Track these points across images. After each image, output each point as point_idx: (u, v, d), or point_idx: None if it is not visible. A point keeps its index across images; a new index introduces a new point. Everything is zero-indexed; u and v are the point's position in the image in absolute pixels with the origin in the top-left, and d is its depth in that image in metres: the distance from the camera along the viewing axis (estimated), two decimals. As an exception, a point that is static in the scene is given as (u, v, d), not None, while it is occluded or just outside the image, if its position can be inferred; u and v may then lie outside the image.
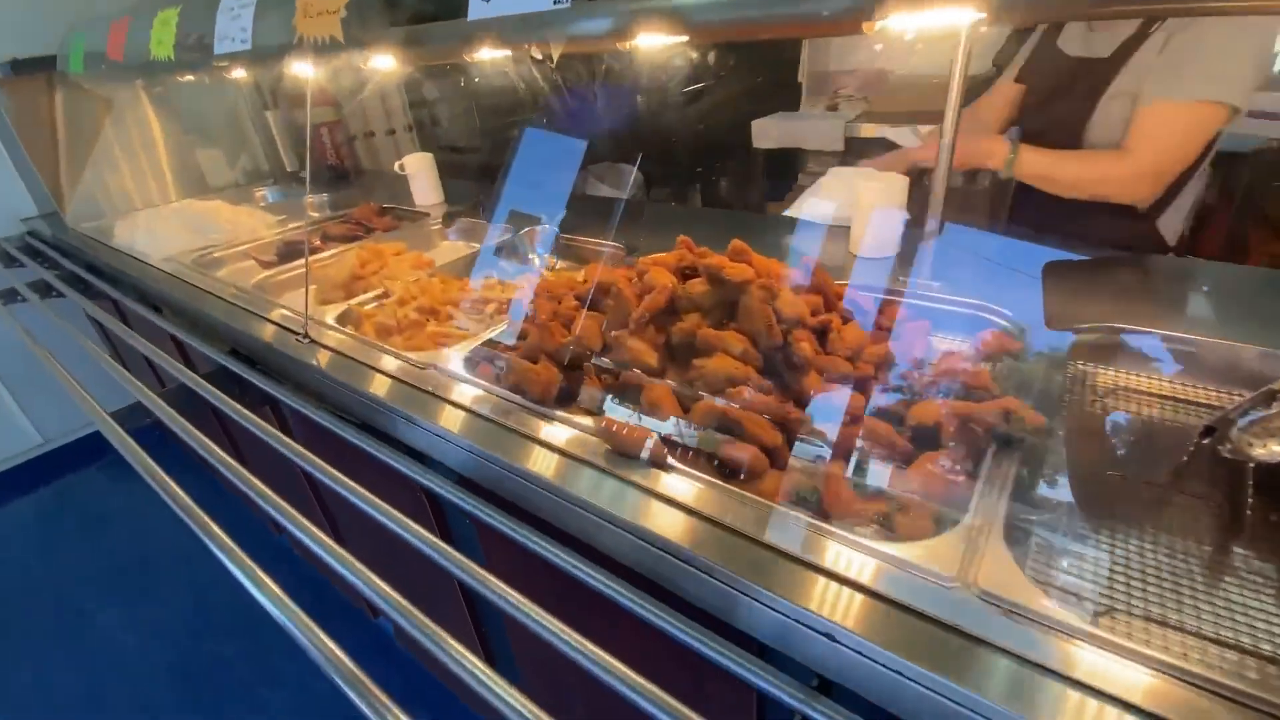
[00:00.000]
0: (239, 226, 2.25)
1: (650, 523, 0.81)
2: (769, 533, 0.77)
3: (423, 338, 1.40)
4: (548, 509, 0.92)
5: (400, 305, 1.50)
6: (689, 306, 1.10)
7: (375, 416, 1.20)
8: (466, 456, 1.04)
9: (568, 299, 1.35)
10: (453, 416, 1.09)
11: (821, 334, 1.08)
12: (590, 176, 3.92)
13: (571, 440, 0.98)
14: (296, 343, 1.39)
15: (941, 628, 0.65)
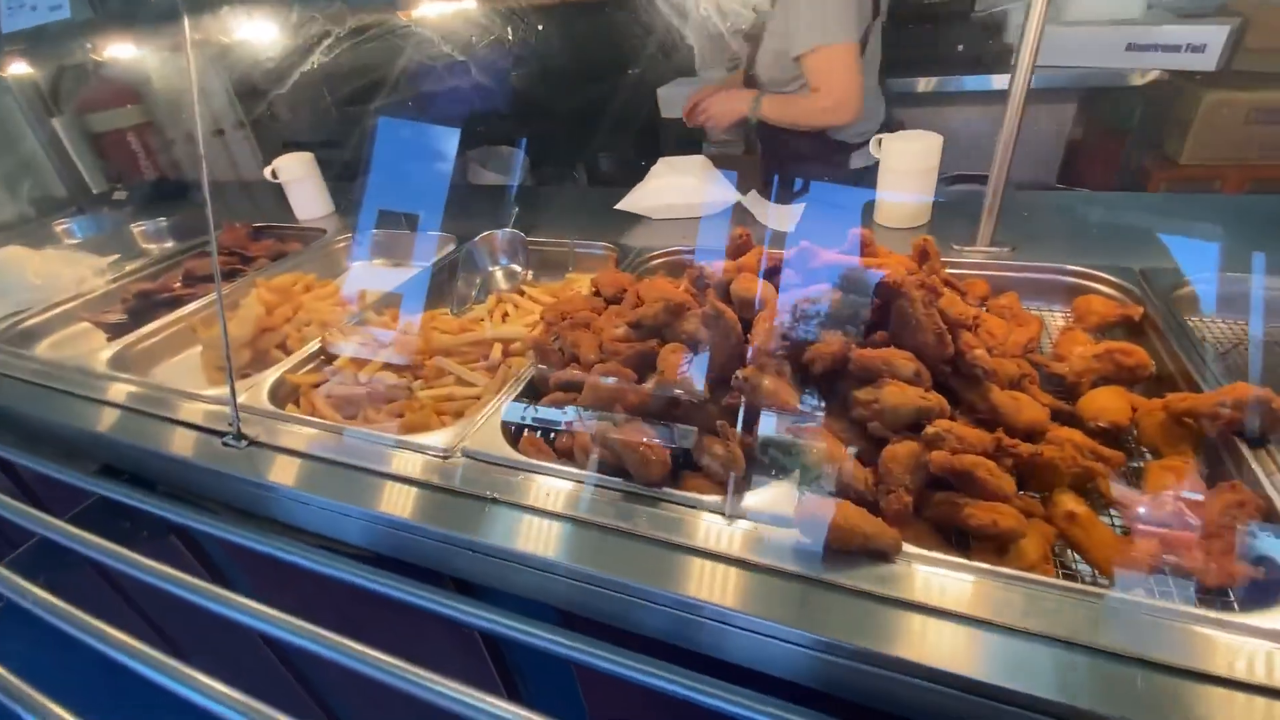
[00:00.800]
0: (54, 278, 1.62)
1: (947, 661, 0.56)
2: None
3: (416, 410, 1.01)
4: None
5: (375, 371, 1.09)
6: (824, 321, 0.84)
7: (404, 546, 0.82)
8: (571, 587, 0.71)
9: (607, 328, 1.04)
10: (531, 529, 0.75)
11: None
12: (470, 163, 3.48)
13: (758, 542, 0.70)
14: (224, 447, 0.95)
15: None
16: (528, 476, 0.82)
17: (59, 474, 1.01)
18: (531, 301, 1.33)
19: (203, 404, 1.05)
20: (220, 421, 0.99)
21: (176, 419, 1.02)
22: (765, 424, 0.80)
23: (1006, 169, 1.19)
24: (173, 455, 0.96)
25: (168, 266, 1.72)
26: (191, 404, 1.05)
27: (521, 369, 1.06)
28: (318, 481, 0.87)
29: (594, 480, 0.79)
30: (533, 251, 1.55)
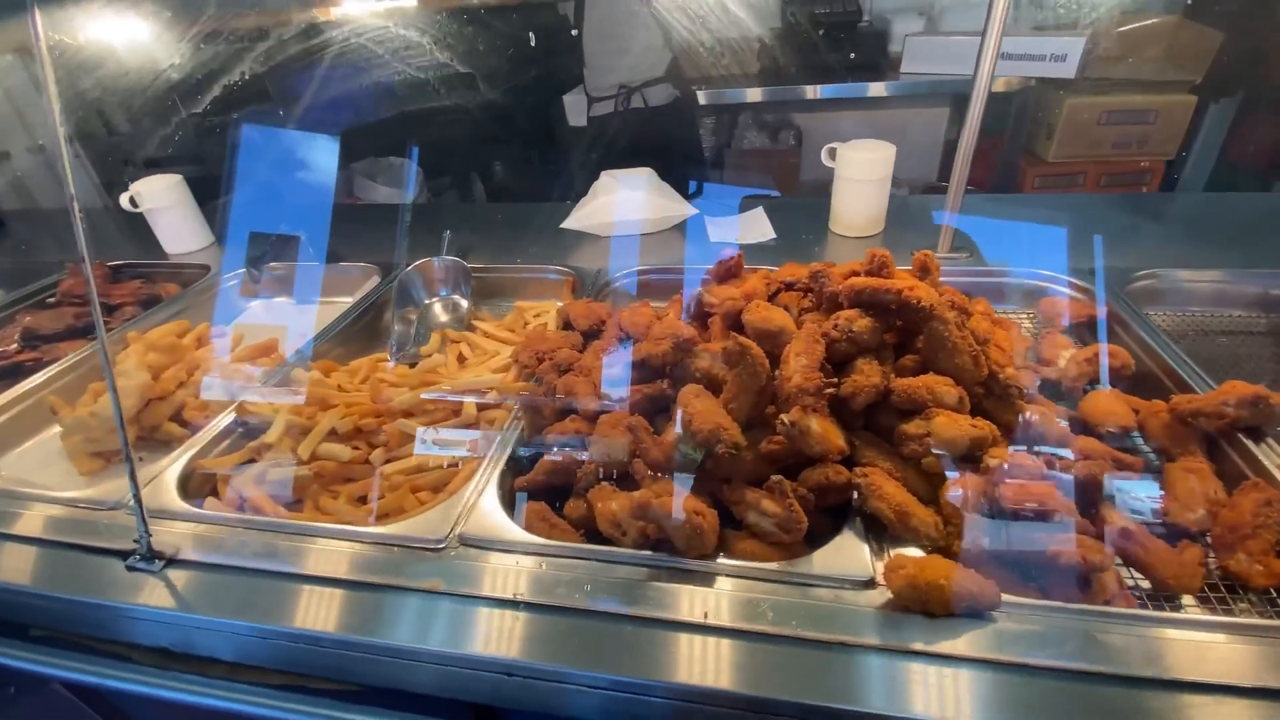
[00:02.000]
0: None
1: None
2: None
3: (386, 491, 0.84)
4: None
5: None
6: (853, 351, 0.78)
7: (402, 676, 0.65)
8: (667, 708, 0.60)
9: (595, 368, 0.92)
10: (577, 635, 0.62)
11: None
12: (356, 176, 3.19)
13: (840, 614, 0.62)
14: (130, 572, 0.72)
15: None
16: (550, 563, 0.69)
17: None
18: (489, 339, 1.18)
19: (86, 511, 0.81)
20: (119, 536, 0.76)
21: (53, 538, 0.77)
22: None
23: (965, 175, 1.21)
24: (51, 594, 0.72)
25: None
26: (72, 513, 0.81)
27: (502, 424, 0.92)
28: (269, 605, 0.68)
29: (643, 561, 0.68)
30: (474, 279, 1.38)
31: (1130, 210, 1.50)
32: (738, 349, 0.75)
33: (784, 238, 1.42)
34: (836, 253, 1.34)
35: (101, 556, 0.74)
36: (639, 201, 1.46)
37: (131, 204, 1.54)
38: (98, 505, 0.82)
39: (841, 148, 1.34)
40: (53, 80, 0.62)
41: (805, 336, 0.76)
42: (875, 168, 1.31)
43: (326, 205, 1.55)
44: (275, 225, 1.55)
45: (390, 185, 3.20)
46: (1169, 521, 0.74)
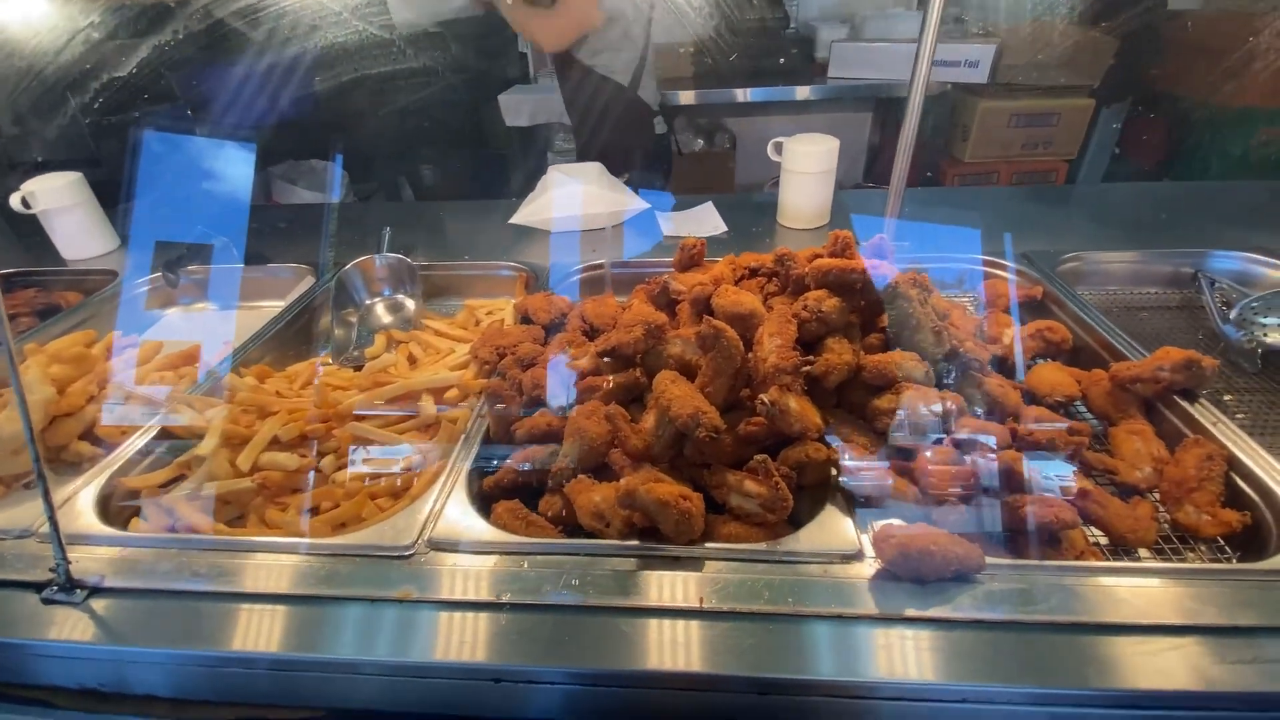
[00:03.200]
0: None
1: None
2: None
3: (340, 498, 0.77)
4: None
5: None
6: (822, 331, 0.79)
7: (375, 694, 0.60)
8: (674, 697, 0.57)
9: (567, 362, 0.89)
10: (576, 632, 0.59)
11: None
12: (276, 180, 3.04)
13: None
14: (45, 604, 0.63)
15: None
16: (532, 561, 0.66)
17: None
18: (441, 338, 1.12)
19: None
20: (31, 566, 0.67)
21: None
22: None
23: (906, 171, 1.26)
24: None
25: None
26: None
27: (466, 423, 0.87)
28: (214, 630, 0.61)
29: (629, 551, 0.65)
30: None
31: (1045, 201, 1.61)
32: (712, 332, 0.74)
33: (734, 231, 1.44)
34: (786, 244, 1.34)
35: (11, 590, 0.65)
36: (589, 195, 1.44)
37: (24, 205, 1.38)
38: (2, 534, 0.71)
39: (788, 141, 1.36)
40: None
41: (777, 317, 0.76)
42: (820, 160, 1.34)
43: (244, 206, 1.45)
44: (189, 228, 1.44)
45: (312, 189, 3.04)
46: (1119, 481, 0.79)
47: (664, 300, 0.95)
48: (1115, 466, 0.80)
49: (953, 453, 0.70)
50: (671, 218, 1.47)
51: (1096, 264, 1.24)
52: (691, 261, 1.00)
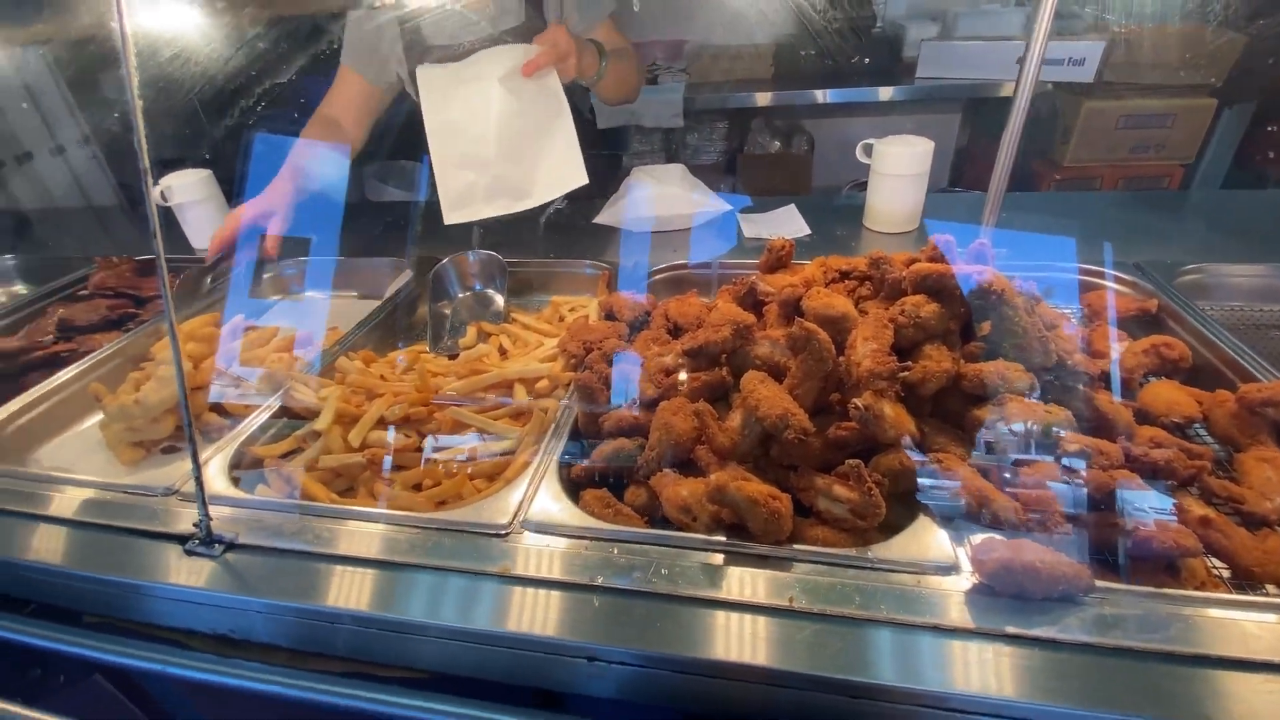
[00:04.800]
0: None
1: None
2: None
3: (441, 477, 0.82)
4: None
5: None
6: (919, 337, 0.77)
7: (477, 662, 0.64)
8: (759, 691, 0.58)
9: (649, 357, 0.91)
10: (661, 619, 0.61)
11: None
12: (369, 179, 3.19)
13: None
14: (188, 556, 0.71)
15: None
16: (621, 548, 0.68)
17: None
18: (530, 331, 1.17)
19: (138, 497, 0.80)
20: (176, 521, 0.75)
21: (108, 523, 0.76)
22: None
23: (1007, 176, 1.21)
24: (108, 578, 0.71)
25: (27, 317, 1.36)
26: (123, 499, 0.79)
27: (555, 413, 0.91)
28: (333, 589, 0.67)
29: (717, 546, 0.66)
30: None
31: (1159, 208, 1.50)
32: (804, 334, 0.74)
33: (818, 234, 1.42)
34: (873, 247, 1.32)
35: (159, 541, 0.73)
36: (671, 196, 1.46)
37: (162, 198, 1.53)
38: (148, 492, 0.80)
39: (879, 143, 1.33)
40: (136, 92, 0.62)
41: (873, 322, 0.75)
42: (913, 162, 1.31)
43: (340, 204, 1.55)
44: (301, 224, 1.55)
45: (401, 189, 3.20)
46: (1245, 511, 0.73)
47: (750, 301, 0.95)
48: (1242, 495, 0.74)
49: (1059, 469, 0.67)
50: (753, 219, 1.47)
51: (1221, 277, 1.14)
52: (778, 263, 1.00)
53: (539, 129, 1.26)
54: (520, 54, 1.21)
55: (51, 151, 2.87)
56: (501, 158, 1.24)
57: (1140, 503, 0.64)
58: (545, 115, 1.25)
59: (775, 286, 0.91)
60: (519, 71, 1.19)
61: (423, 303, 1.32)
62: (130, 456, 0.97)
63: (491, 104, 1.21)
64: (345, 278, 1.53)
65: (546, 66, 1.20)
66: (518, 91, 1.21)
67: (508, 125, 1.23)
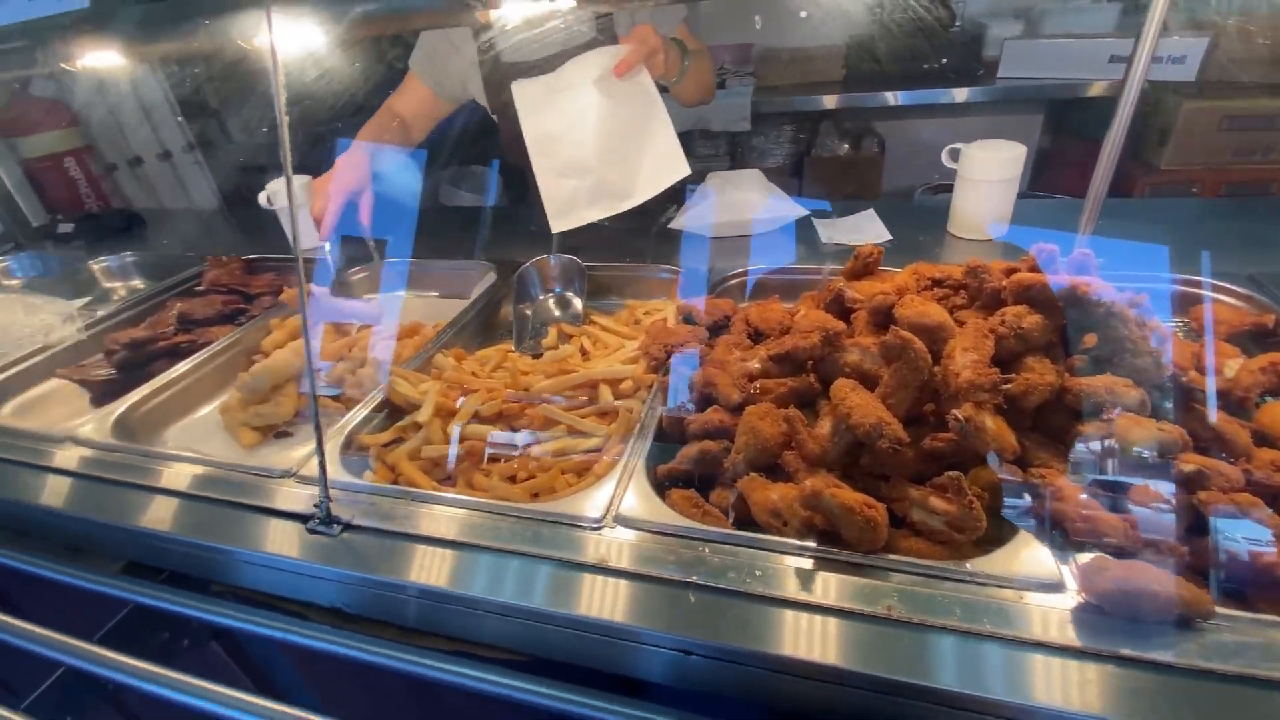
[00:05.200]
0: (11, 328, 1.36)
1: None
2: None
3: (534, 470, 0.86)
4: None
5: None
6: (1020, 349, 0.75)
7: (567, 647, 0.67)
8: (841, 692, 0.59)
9: (730, 361, 0.93)
10: (756, 620, 0.62)
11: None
12: (443, 184, 3.30)
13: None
14: (310, 534, 0.77)
15: None
16: (712, 548, 0.70)
17: (84, 581, 0.80)
18: (609, 333, 1.20)
19: (260, 478, 0.87)
20: (296, 501, 0.81)
21: (237, 500, 0.83)
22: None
23: (1107, 183, 1.16)
24: (237, 550, 0.78)
25: (149, 309, 1.49)
26: (248, 479, 0.87)
27: (640, 413, 0.93)
28: (441, 572, 0.71)
29: (809, 552, 0.67)
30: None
31: (1270, 217, 1.40)
32: (898, 343, 0.74)
33: (898, 239, 1.39)
34: (958, 255, 1.30)
35: (284, 519, 0.79)
36: (748, 202, 1.46)
37: (268, 202, 1.65)
38: (270, 473, 0.87)
39: (967, 148, 1.30)
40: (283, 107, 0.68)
41: (972, 332, 0.74)
42: (1003, 168, 1.27)
43: (414, 202, 1.63)
44: (378, 227, 1.63)
45: (473, 192, 3.31)
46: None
47: (836, 308, 0.95)
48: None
49: (1171, 489, 0.65)
50: (830, 224, 1.46)
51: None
52: (865, 270, 0.99)
53: (636, 127, 1.27)
54: (610, 56, 1.24)
55: (159, 156, 3.11)
56: (602, 161, 1.26)
57: (1265, 528, 0.61)
58: (641, 113, 1.26)
59: (863, 293, 0.90)
60: (611, 74, 1.22)
61: (506, 303, 1.38)
62: (250, 440, 1.05)
63: (588, 110, 1.24)
64: (426, 278, 1.61)
65: (637, 64, 1.23)
66: (612, 93, 1.23)
67: (605, 128, 1.25)
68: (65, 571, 0.82)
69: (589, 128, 1.25)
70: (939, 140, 3.42)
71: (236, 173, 3.31)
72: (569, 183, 1.31)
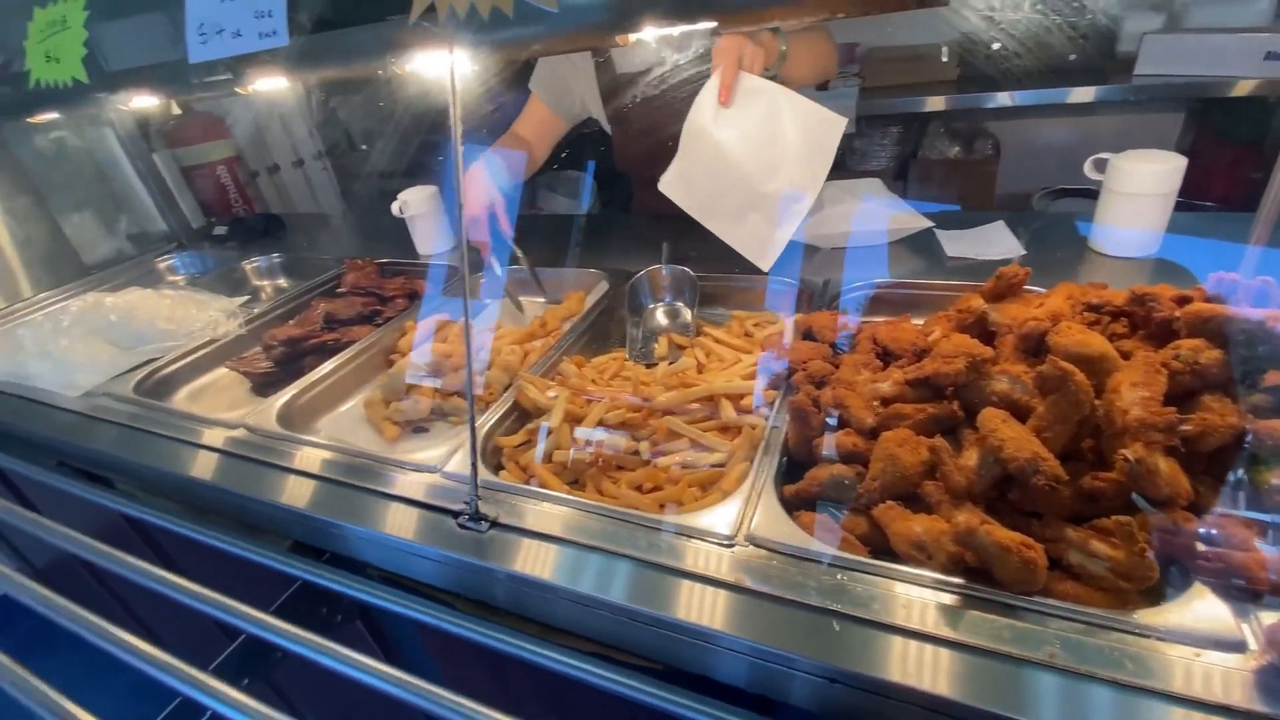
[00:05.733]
0: (185, 322, 1.54)
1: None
2: None
3: (661, 480, 0.89)
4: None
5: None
6: (1196, 385, 0.70)
7: (700, 660, 0.69)
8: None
9: (859, 383, 0.91)
10: (897, 653, 0.62)
11: None
12: (540, 189, 3.40)
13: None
14: (460, 529, 0.83)
15: None
16: (850, 576, 0.69)
17: (263, 558, 0.90)
18: (722, 345, 1.21)
19: (410, 473, 0.94)
20: (442, 496, 0.88)
21: (391, 492, 0.91)
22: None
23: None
24: (394, 539, 0.85)
25: (297, 308, 1.64)
26: (399, 473, 0.94)
27: (763, 430, 0.94)
28: (583, 574, 0.74)
29: (955, 588, 0.66)
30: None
31: None
32: (1058, 374, 0.70)
33: (1031, 255, 1.32)
34: (1103, 274, 1.22)
35: (435, 513, 0.86)
36: (867, 212, 1.43)
37: (399, 210, 1.77)
38: (420, 468, 0.94)
39: (1115, 158, 1.21)
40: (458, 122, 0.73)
41: (1142, 365, 0.70)
42: (1161, 181, 1.17)
43: (516, 213, 1.69)
44: (493, 232, 1.71)
45: (568, 197, 3.40)
46: None
47: (976, 331, 0.92)
48: None
49: (1390, 553, 0.58)
50: (955, 237, 1.40)
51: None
52: (1008, 291, 0.95)
53: (771, 128, 1.24)
54: (710, 93, 1.24)
55: (294, 164, 3.40)
56: (765, 181, 1.25)
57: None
58: (766, 110, 1.23)
59: (1009, 317, 0.87)
60: (719, 107, 1.22)
61: (620, 311, 1.42)
62: (391, 434, 1.14)
63: (724, 154, 1.24)
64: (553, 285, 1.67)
65: (734, 80, 1.21)
66: (732, 120, 1.24)
67: (748, 153, 1.24)
68: (244, 547, 0.92)
69: (734, 167, 1.25)
70: (1058, 142, 3.22)
71: (358, 179, 3.57)
72: (749, 220, 1.31)
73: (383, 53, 0.87)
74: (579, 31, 0.78)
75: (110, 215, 2.27)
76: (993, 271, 0.95)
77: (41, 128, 2.05)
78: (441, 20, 0.69)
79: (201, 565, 1.25)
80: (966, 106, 2.92)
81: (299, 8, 0.84)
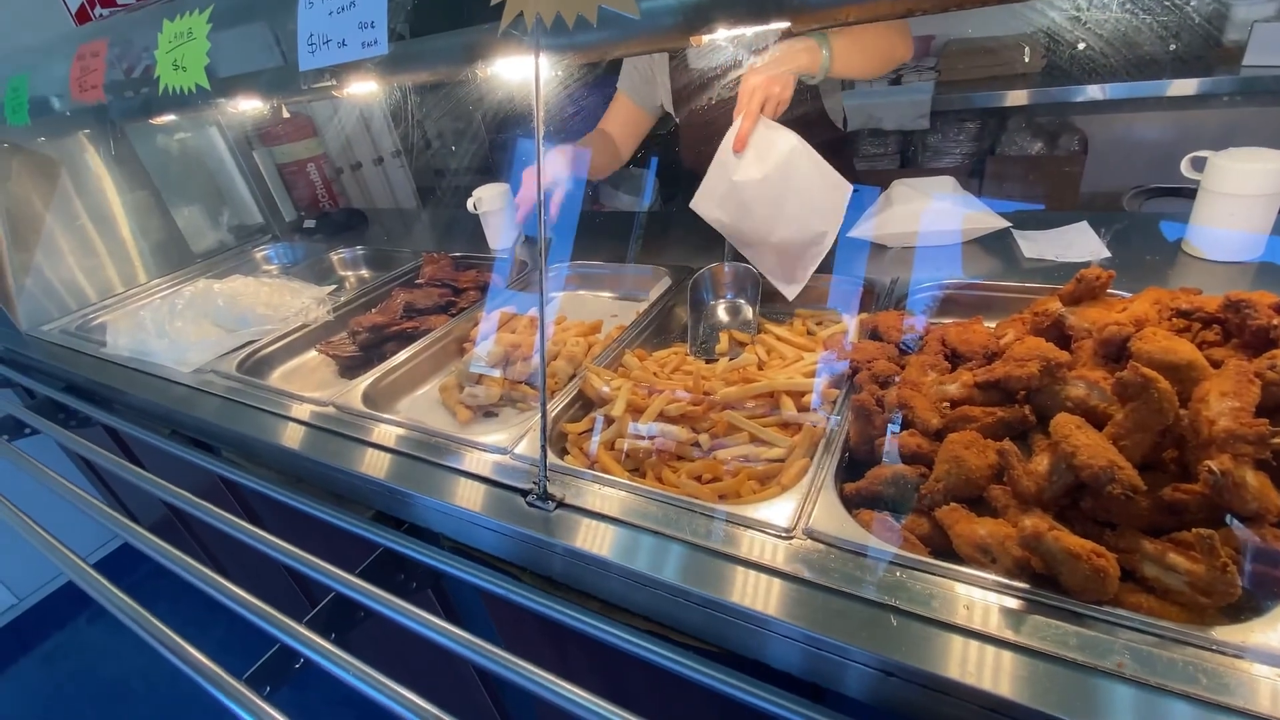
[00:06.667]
0: (280, 308, 1.67)
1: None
2: None
3: (719, 471, 0.91)
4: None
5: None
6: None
7: (752, 644, 0.71)
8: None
9: (924, 384, 0.90)
10: (957, 653, 0.62)
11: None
12: (603, 185, 3.44)
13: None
14: (529, 508, 0.88)
15: None
16: (911, 575, 0.70)
17: (350, 525, 0.98)
18: (783, 343, 1.21)
19: (482, 453, 1.00)
20: (512, 476, 0.93)
21: (466, 469, 0.97)
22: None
23: None
24: (467, 513, 0.91)
25: (378, 297, 1.75)
26: (474, 453, 1.00)
27: (825, 428, 0.94)
28: (644, 555, 0.78)
29: (1019, 592, 0.65)
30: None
31: None
32: (1139, 380, 0.68)
33: (1117, 257, 1.26)
34: (1196, 278, 1.15)
35: (506, 491, 0.91)
36: (939, 211, 1.40)
37: (474, 207, 1.85)
38: (491, 449, 1.00)
39: (1216, 156, 1.14)
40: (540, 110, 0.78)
41: (1234, 374, 0.66)
42: (1267, 180, 1.10)
43: (576, 210, 1.73)
44: (560, 228, 1.76)
45: (630, 194, 3.44)
46: None
47: (1052, 335, 0.89)
48: None
49: None
50: (1033, 237, 1.35)
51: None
52: (1089, 294, 0.92)
53: (788, 177, 1.21)
54: (729, 137, 1.24)
55: (374, 161, 3.59)
56: (785, 226, 1.24)
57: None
58: (786, 162, 1.20)
59: (1088, 321, 0.84)
60: (737, 152, 1.22)
61: (678, 307, 1.44)
62: (465, 416, 1.21)
63: (741, 191, 1.23)
64: (603, 279, 1.72)
65: (750, 130, 1.20)
66: (751, 165, 1.22)
67: (760, 198, 1.23)
68: (333, 513, 1.01)
69: (749, 207, 1.25)
70: (1152, 138, 3.01)
71: (431, 175, 3.74)
72: (767, 256, 1.33)
73: (471, 58, 0.92)
74: (656, 34, 0.81)
75: (215, 208, 2.48)
76: (1073, 274, 0.92)
77: (160, 128, 2.25)
78: (530, 27, 0.73)
79: (283, 532, 1.37)
80: (1052, 100, 2.77)
81: (396, 18, 0.90)
